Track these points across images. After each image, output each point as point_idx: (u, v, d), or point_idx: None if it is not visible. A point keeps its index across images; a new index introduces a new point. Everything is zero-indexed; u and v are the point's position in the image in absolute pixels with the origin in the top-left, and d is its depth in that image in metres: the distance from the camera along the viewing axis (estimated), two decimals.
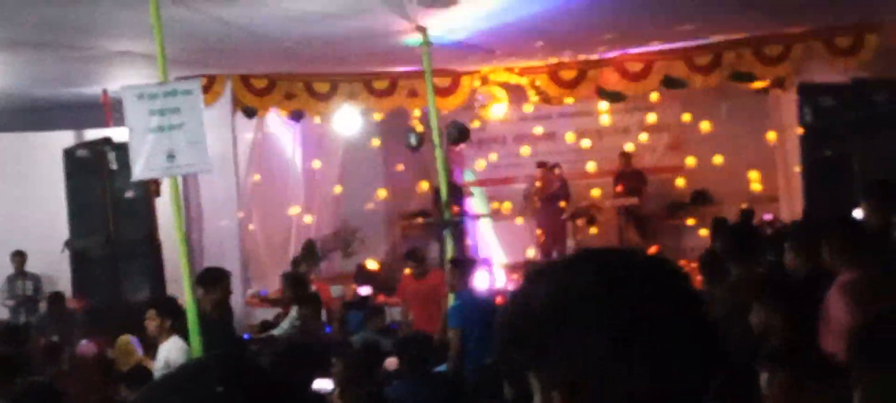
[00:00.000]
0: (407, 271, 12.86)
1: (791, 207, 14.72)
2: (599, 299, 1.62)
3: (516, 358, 1.70)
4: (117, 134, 12.68)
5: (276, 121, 16.63)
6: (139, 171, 8.72)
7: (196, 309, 9.10)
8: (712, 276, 12.15)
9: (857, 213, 8.74)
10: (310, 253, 15.53)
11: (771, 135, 16.33)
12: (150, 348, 9.81)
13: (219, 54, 12.86)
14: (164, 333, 9.02)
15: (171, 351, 8.89)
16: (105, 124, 13.98)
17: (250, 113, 15.50)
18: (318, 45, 12.51)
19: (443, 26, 11.74)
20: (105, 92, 13.99)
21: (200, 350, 8.75)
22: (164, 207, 12.38)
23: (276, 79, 15.33)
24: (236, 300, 13.53)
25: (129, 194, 13.19)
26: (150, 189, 12.89)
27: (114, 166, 13.03)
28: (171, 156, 8.49)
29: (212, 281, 9.77)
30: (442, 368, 10.02)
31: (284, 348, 7.90)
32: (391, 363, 9.40)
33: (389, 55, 13.83)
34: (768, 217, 15.41)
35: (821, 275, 6.21)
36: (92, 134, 14.30)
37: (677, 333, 1.63)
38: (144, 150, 8.54)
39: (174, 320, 9.11)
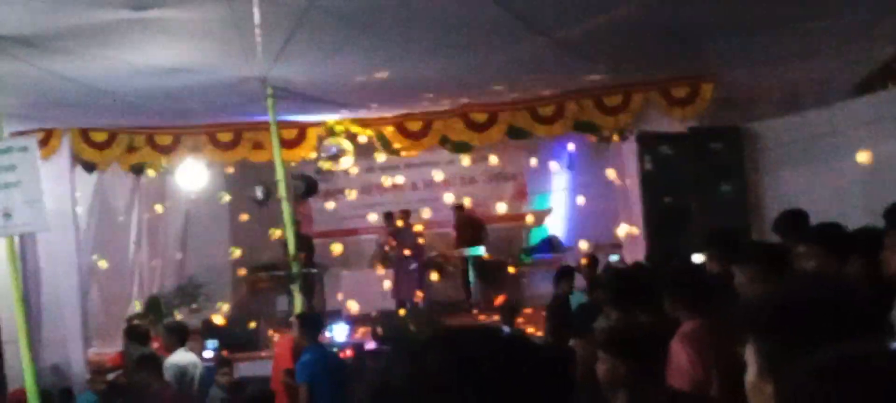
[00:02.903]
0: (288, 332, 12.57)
1: (634, 254, 15.02)
2: (453, 383, 1.63)
3: None
4: None
5: (116, 172, 16.19)
6: None
7: (34, 369, 8.81)
8: (555, 321, 12.45)
9: (698, 258, 8.98)
10: (154, 308, 15.19)
11: (613, 182, 16.70)
12: None
13: (56, 108, 12.52)
14: None
15: None
16: None
17: (90, 167, 15.10)
18: (160, 97, 12.29)
19: (288, 79, 11.68)
20: None
21: None
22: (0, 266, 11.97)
23: (116, 132, 14.96)
24: (77, 360, 13.17)
25: None
26: None
27: None
28: (6, 215, 8.24)
29: None
30: None
31: None
32: None
33: (235, 107, 13.67)
34: (614, 258, 15.72)
35: (667, 322, 6.32)
36: None
37: None
38: None
39: None
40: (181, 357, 11.26)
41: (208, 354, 13.92)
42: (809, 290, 2.11)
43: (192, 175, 16.34)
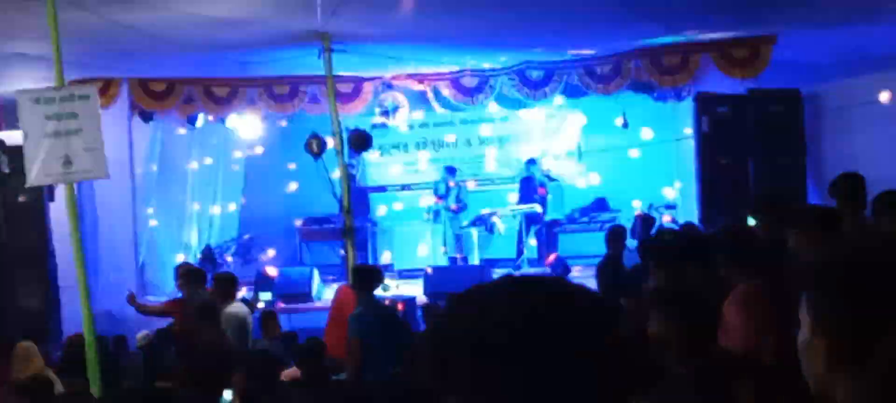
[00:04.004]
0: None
1: (688, 214, 14.94)
2: (517, 330, 1.62)
3: (436, 383, 1.68)
4: (9, 136, 12.38)
5: (173, 122, 16.33)
6: (34, 177, 8.52)
7: (91, 316, 8.93)
8: (606, 281, 12.38)
9: (752, 221, 8.91)
10: (208, 259, 15.33)
11: (668, 144, 16.57)
12: None
13: (116, 57, 12.64)
14: None
15: None
16: None
17: (147, 117, 15.25)
18: (219, 49, 12.36)
19: (344, 33, 11.69)
20: None
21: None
22: (58, 212, 12.13)
23: (174, 83, 15.09)
24: (131, 307, 13.31)
25: (22, 198, 12.87)
26: (44, 194, 12.61)
27: (5, 170, 12.71)
28: (67, 162, 8.32)
29: None
30: (342, 376, 9.99)
31: (188, 360, 7.77)
32: (288, 373, 9.32)
33: (291, 61, 13.71)
34: (667, 218, 15.64)
35: (719, 281, 6.29)
36: None
37: (595, 364, 1.63)
38: (40, 156, 8.35)
39: None
40: (239, 307, 11.37)
41: (262, 305, 14.04)
42: (879, 250, 2.03)
43: (249, 126, 16.45)
